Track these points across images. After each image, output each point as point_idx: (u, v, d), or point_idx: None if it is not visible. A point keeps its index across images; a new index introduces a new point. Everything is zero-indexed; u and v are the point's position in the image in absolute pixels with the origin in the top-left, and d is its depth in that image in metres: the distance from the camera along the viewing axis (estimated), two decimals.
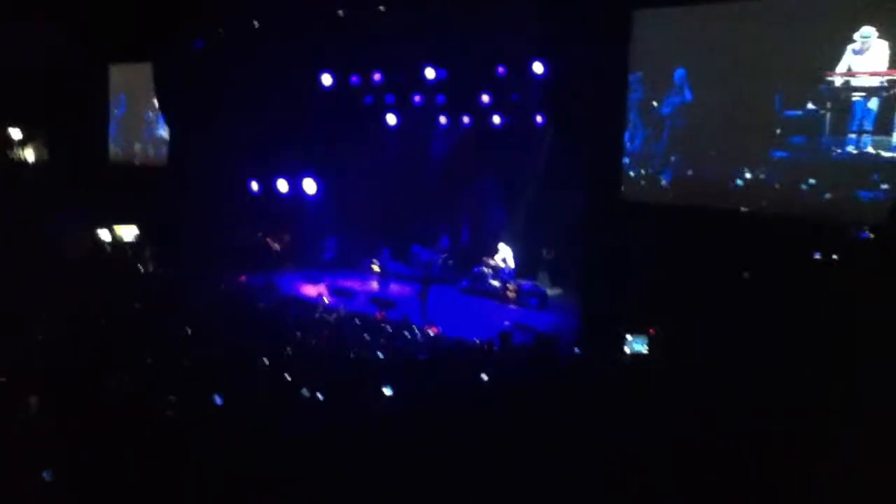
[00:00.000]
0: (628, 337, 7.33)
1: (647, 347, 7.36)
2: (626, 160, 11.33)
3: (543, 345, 9.45)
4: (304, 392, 6.80)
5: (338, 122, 16.13)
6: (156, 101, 17.66)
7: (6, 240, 13.46)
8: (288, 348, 8.87)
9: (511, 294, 14.34)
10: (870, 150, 9.25)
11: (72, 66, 18.07)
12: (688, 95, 10.68)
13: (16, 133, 19.46)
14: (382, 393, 6.59)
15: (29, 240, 14.26)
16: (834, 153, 9.52)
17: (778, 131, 9.92)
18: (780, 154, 9.92)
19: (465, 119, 15.73)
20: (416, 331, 11.09)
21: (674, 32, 10.77)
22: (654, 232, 10.43)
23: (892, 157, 9.02)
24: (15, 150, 19.53)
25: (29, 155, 19.78)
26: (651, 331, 7.55)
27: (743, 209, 10.21)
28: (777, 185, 9.95)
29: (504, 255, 14.94)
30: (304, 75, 15.20)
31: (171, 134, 17.62)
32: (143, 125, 19.16)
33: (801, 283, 9.04)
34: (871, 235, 8.99)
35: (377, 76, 14.88)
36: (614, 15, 10.86)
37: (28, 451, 5.01)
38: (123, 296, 11.41)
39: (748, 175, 10.20)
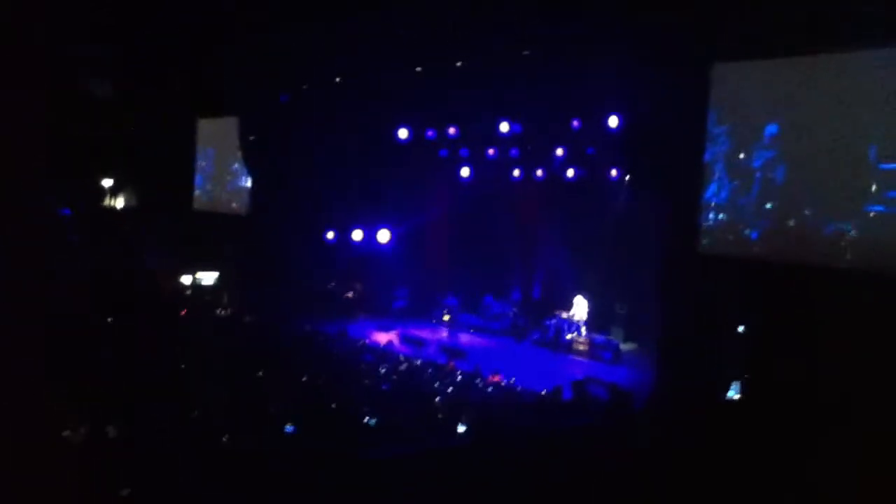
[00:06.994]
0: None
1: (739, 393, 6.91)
2: (712, 213, 11.06)
3: (618, 397, 9.17)
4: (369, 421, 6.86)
5: (413, 175, 16.47)
6: (240, 153, 18.37)
7: (97, 285, 13.98)
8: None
9: (583, 347, 14.09)
10: None
11: (162, 119, 19.03)
12: (777, 148, 10.40)
13: (107, 182, 20.55)
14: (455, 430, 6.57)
15: (117, 284, 14.80)
16: None
17: (873, 185, 9.47)
18: (876, 208, 9.46)
19: (539, 172, 15.77)
20: (487, 380, 10.99)
21: (759, 85, 10.51)
22: (738, 286, 10.07)
23: None
24: (106, 199, 20.59)
25: (118, 203, 20.82)
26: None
27: (835, 265, 9.74)
28: (873, 240, 9.40)
29: (578, 308, 14.73)
30: (381, 129, 15.60)
31: (254, 184, 18.25)
32: (227, 176, 19.90)
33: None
34: None
35: (452, 130, 15.13)
36: (691, 69, 10.77)
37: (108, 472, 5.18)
38: (202, 340, 11.72)
39: (841, 230, 9.74)
